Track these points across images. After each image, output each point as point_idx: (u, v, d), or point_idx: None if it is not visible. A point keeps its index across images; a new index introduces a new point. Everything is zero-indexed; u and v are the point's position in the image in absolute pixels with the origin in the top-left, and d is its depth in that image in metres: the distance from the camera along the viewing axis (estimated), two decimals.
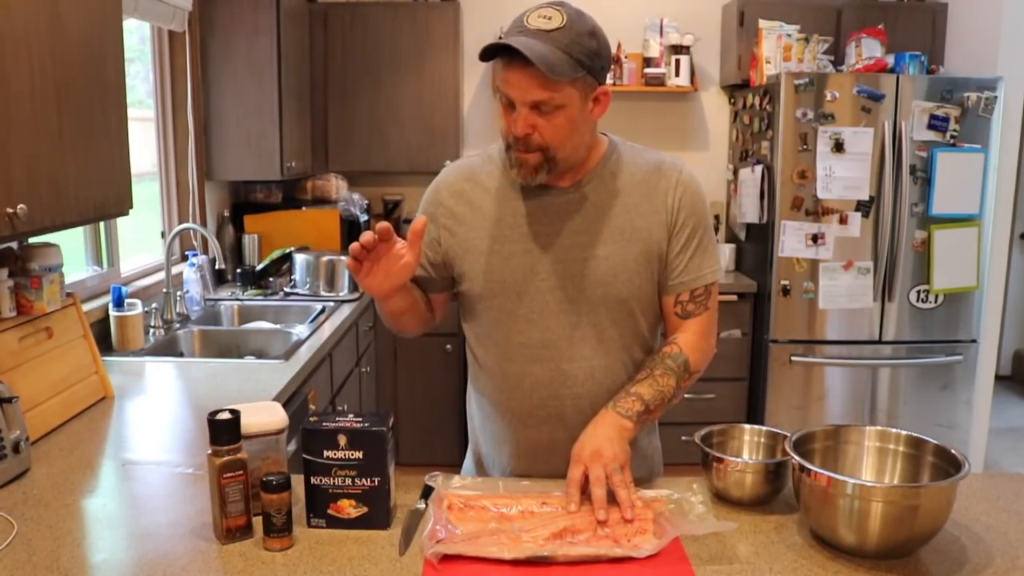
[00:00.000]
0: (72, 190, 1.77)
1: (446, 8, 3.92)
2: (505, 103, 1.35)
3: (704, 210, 1.48)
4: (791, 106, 3.42)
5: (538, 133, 1.34)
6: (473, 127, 4.28)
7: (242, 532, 1.23)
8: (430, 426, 3.76)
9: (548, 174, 1.38)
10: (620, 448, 1.32)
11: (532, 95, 1.30)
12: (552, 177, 1.40)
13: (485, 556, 1.16)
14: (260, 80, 3.41)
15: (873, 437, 1.35)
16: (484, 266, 1.46)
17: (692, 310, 1.48)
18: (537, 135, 1.34)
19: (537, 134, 1.34)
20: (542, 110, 1.32)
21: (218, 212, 3.70)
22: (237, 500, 1.22)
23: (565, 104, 1.32)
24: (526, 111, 1.32)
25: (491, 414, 1.54)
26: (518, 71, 1.29)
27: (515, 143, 1.36)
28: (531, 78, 1.28)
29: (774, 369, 3.62)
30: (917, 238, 3.53)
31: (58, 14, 1.70)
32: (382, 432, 1.24)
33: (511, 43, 1.26)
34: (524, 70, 1.28)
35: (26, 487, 1.45)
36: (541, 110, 1.32)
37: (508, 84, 1.32)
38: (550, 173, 1.39)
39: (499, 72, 1.32)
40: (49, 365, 1.86)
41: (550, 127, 1.33)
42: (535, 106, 1.31)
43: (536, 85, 1.29)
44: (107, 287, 2.63)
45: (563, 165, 1.39)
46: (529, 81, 1.29)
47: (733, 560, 1.18)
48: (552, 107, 1.31)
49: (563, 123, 1.34)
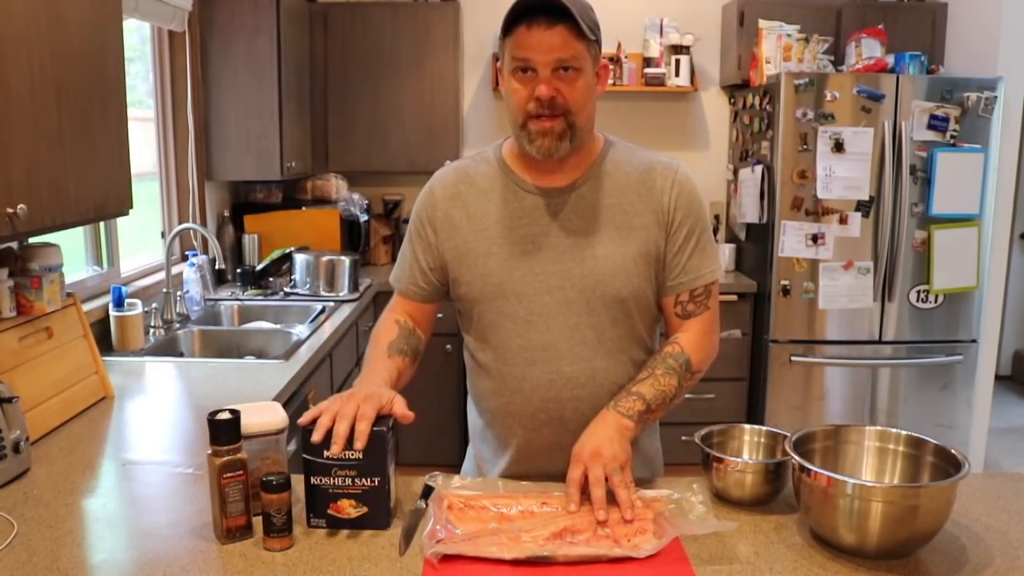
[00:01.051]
0: (72, 190, 1.77)
1: (446, 8, 3.92)
2: (522, 72, 1.34)
3: (701, 210, 1.47)
4: (791, 106, 3.42)
5: (561, 96, 1.34)
6: (473, 127, 4.28)
7: (242, 532, 1.23)
8: (430, 426, 3.75)
9: (572, 142, 1.38)
10: (620, 448, 1.31)
11: (557, 53, 1.31)
12: (572, 149, 1.39)
13: (485, 556, 1.16)
14: (260, 80, 3.41)
15: (873, 437, 1.35)
16: (482, 268, 1.45)
17: (692, 310, 1.47)
18: (560, 98, 1.34)
19: (560, 97, 1.34)
20: (565, 71, 1.33)
21: (218, 212, 3.70)
22: (237, 500, 1.22)
23: (582, 68, 1.34)
24: (549, 73, 1.32)
25: (491, 418, 1.53)
26: (541, 31, 1.30)
27: (538, 109, 1.35)
28: (557, 36, 1.30)
29: (774, 369, 3.62)
30: (917, 238, 3.53)
31: (58, 14, 1.70)
32: (382, 432, 1.24)
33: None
34: (549, 30, 1.29)
35: (26, 487, 1.45)
36: (564, 72, 1.33)
37: (530, 47, 1.31)
38: (572, 141, 1.38)
39: (516, 41, 1.32)
40: (49, 365, 1.86)
41: (572, 90, 1.34)
42: (557, 67, 1.32)
43: (561, 44, 1.30)
44: (107, 287, 2.63)
45: (580, 136, 1.39)
46: (554, 40, 1.30)
47: (733, 560, 1.18)
48: (574, 69, 1.33)
49: (583, 87, 1.35)
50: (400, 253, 1.57)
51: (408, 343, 1.51)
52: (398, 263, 1.57)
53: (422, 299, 1.54)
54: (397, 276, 1.56)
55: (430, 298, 1.54)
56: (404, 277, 1.55)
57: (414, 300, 1.55)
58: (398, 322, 1.54)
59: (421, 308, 1.55)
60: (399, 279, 1.56)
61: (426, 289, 1.53)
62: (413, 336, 1.53)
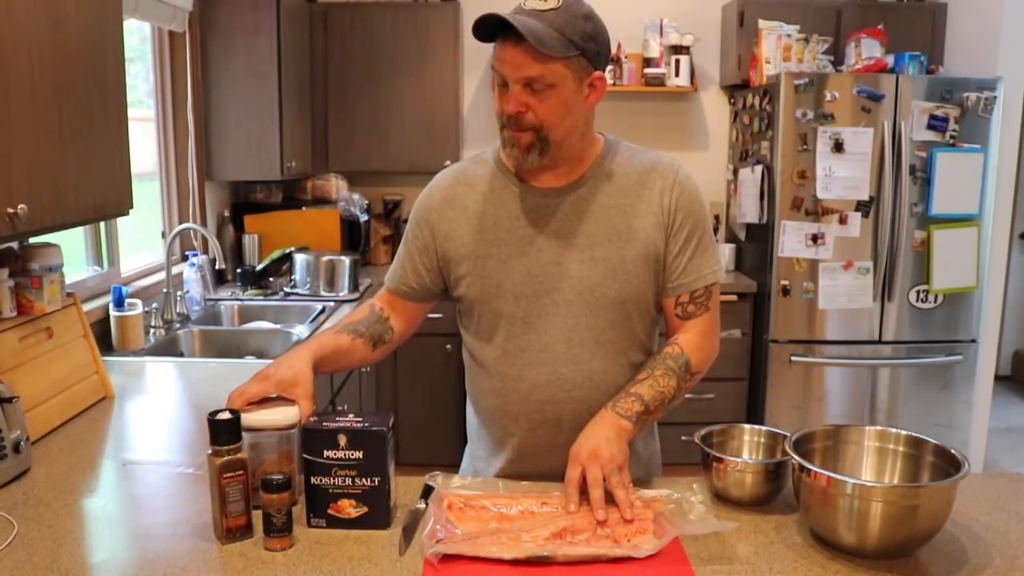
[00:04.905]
0: (72, 190, 1.77)
1: (446, 8, 3.92)
2: (499, 83, 1.36)
3: (701, 211, 1.47)
4: (791, 106, 3.42)
5: (531, 112, 1.35)
6: (473, 127, 4.28)
7: (242, 532, 1.23)
8: (430, 426, 3.76)
9: (542, 156, 1.38)
10: (618, 449, 1.31)
11: (523, 71, 1.31)
12: (547, 161, 1.40)
13: (485, 556, 1.16)
14: (260, 80, 3.41)
15: (873, 437, 1.35)
16: (480, 269, 1.45)
17: (693, 311, 1.47)
18: (530, 114, 1.35)
19: (531, 113, 1.35)
20: (534, 88, 1.33)
21: (218, 212, 3.70)
22: (237, 500, 1.22)
23: (557, 84, 1.33)
24: (518, 89, 1.33)
25: (488, 417, 1.54)
26: (511, 48, 1.31)
27: (508, 122, 1.37)
28: (523, 54, 1.30)
29: (774, 369, 3.62)
30: (917, 238, 3.53)
31: (58, 14, 1.70)
32: (382, 432, 1.24)
33: (504, 17, 1.27)
34: (516, 47, 1.30)
35: (26, 487, 1.45)
36: (533, 88, 1.33)
37: (501, 61, 1.33)
38: (543, 155, 1.38)
39: (495, 53, 1.34)
40: (49, 365, 1.86)
41: (543, 106, 1.34)
42: (527, 84, 1.32)
43: (527, 61, 1.30)
44: (107, 287, 2.63)
45: (557, 150, 1.39)
46: (521, 57, 1.30)
47: (733, 560, 1.18)
48: (544, 85, 1.32)
49: (556, 103, 1.34)
50: (397, 254, 1.58)
51: (370, 327, 1.52)
52: (394, 263, 1.58)
53: (411, 298, 1.55)
54: (391, 275, 1.58)
55: (419, 297, 1.55)
56: (397, 276, 1.56)
57: (402, 298, 1.55)
58: (372, 307, 1.56)
59: (407, 305, 1.56)
60: (392, 277, 1.57)
61: (417, 290, 1.54)
62: (380, 323, 1.54)
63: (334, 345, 1.47)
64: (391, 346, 1.57)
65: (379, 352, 1.54)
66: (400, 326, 1.57)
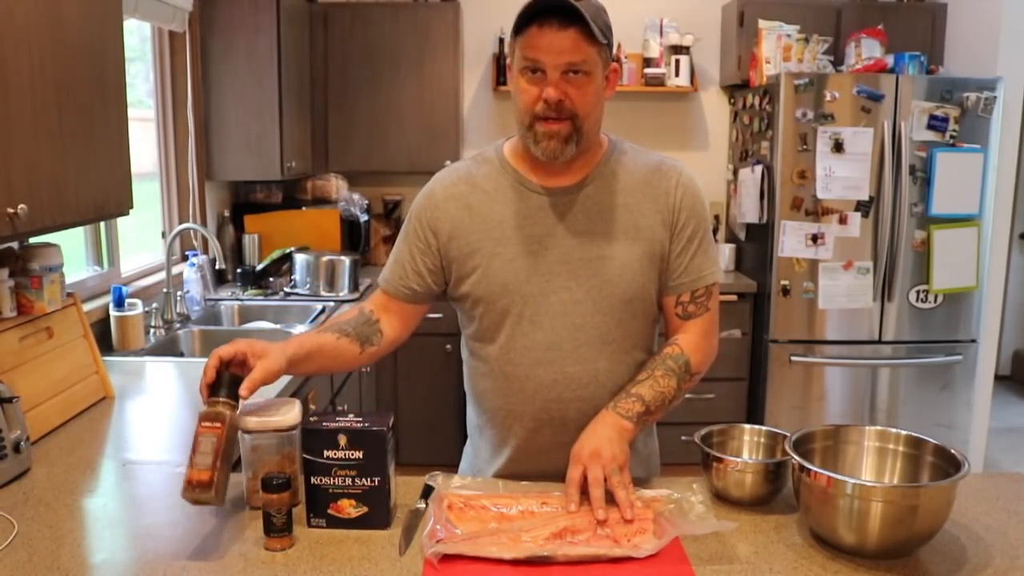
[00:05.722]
0: (72, 190, 1.77)
1: (446, 8, 3.92)
2: (530, 73, 1.33)
3: (704, 211, 1.48)
4: (791, 106, 3.43)
5: (569, 100, 1.33)
6: (473, 127, 4.28)
7: (202, 488, 1.18)
8: (430, 426, 3.76)
9: (577, 146, 1.38)
10: (619, 449, 1.31)
11: (567, 56, 1.30)
12: (576, 154, 1.39)
13: (485, 556, 1.16)
14: (260, 80, 3.41)
15: (873, 437, 1.35)
16: (487, 268, 1.44)
17: (693, 311, 1.47)
18: (568, 101, 1.33)
19: (568, 100, 1.33)
20: (574, 74, 1.32)
21: (218, 212, 3.70)
22: (206, 452, 1.20)
23: (592, 72, 1.33)
24: (558, 76, 1.32)
25: (491, 417, 1.53)
26: (552, 33, 1.29)
27: (545, 112, 1.34)
28: (568, 39, 1.29)
29: (774, 369, 3.62)
30: (916, 238, 3.53)
31: (58, 14, 1.70)
32: (382, 432, 1.24)
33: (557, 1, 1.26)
34: (560, 32, 1.29)
35: (26, 487, 1.45)
36: (573, 75, 1.32)
37: (540, 48, 1.31)
38: (578, 145, 1.38)
39: (527, 40, 1.31)
40: (49, 365, 1.86)
41: (580, 94, 1.33)
42: (567, 71, 1.31)
43: (571, 47, 1.29)
44: (107, 287, 2.63)
45: (584, 141, 1.39)
46: (564, 43, 1.29)
47: (733, 560, 1.18)
48: (583, 72, 1.32)
49: (591, 92, 1.35)
50: (392, 254, 1.54)
51: (357, 328, 1.48)
52: (389, 263, 1.54)
53: (409, 300, 1.51)
54: (386, 276, 1.53)
55: (418, 299, 1.51)
56: (394, 277, 1.51)
57: (399, 300, 1.51)
58: (361, 309, 1.52)
59: (404, 308, 1.52)
60: (388, 279, 1.53)
61: (417, 291, 1.50)
62: (369, 325, 1.50)
63: (316, 342, 1.42)
64: (382, 351, 1.52)
65: (367, 355, 1.49)
66: (392, 330, 1.52)
